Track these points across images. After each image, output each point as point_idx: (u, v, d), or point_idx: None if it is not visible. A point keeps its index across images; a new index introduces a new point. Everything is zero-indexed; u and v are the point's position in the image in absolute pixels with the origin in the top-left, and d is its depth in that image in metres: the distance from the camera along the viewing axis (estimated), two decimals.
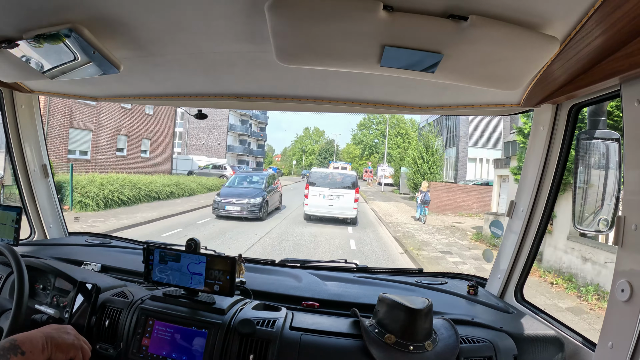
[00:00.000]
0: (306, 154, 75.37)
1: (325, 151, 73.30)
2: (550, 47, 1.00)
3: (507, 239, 1.69)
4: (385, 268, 2.03)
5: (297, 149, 78.59)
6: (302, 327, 1.32)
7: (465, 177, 28.03)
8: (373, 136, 67.21)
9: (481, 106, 1.63)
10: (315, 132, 79.11)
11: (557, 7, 0.90)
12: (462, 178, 27.77)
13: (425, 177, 21.81)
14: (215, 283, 1.34)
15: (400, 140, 52.30)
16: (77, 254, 1.94)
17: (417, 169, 23.68)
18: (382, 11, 0.91)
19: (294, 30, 1.00)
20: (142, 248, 1.49)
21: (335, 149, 73.48)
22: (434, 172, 23.46)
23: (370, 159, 64.76)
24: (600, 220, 1.40)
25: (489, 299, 1.67)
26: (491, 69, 1.11)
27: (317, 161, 69.78)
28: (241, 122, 50.63)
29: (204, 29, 1.15)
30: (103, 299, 1.44)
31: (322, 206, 12.86)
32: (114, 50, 1.29)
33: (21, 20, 1.13)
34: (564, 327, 1.47)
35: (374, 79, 1.43)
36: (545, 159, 1.55)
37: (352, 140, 71.48)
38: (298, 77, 1.51)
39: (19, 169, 2.10)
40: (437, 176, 23.55)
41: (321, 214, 12.94)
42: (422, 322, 1.26)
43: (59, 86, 1.85)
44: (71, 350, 1.03)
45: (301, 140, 79.38)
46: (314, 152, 74.97)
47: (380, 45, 1.02)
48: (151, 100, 1.86)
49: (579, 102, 1.43)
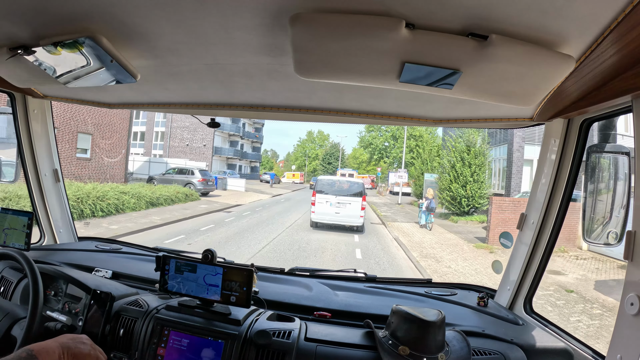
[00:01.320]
0: (309, 159, 71.40)
1: (330, 156, 68.99)
2: (566, 65, 1.01)
3: (517, 250, 1.70)
4: (394, 278, 2.04)
5: (299, 153, 74.29)
6: (317, 339, 1.33)
7: (521, 187, 17.53)
8: (383, 139, 58.50)
9: (494, 120, 1.64)
10: (319, 136, 74.69)
11: (575, 26, 0.91)
12: (516, 189, 17.55)
13: (467, 187, 16.71)
14: (232, 294, 1.35)
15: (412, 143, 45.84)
16: (87, 259, 1.95)
17: (455, 176, 17.07)
18: (404, 29, 0.93)
19: (315, 45, 1.01)
20: (153, 255, 1.50)
21: (341, 154, 69.32)
22: (479, 180, 16.99)
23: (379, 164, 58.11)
24: (609, 234, 1.42)
25: (499, 310, 1.68)
26: (507, 86, 1.13)
27: (321, 167, 66.71)
28: (231, 121, 43.99)
29: (224, 40, 1.16)
30: (117, 308, 1.44)
31: (329, 214, 12.74)
32: (132, 60, 1.30)
33: (39, 27, 1.13)
34: (573, 339, 1.48)
35: (388, 92, 1.44)
36: (556, 172, 1.56)
37: (360, 144, 64.69)
38: (314, 89, 1.52)
39: (30, 174, 2.11)
40: (482, 185, 17.12)
41: (328, 222, 12.84)
42: (435, 334, 1.27)
43: (72, 92, 1.86)
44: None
45: (304, 145, 75.23)
46: (317, 156, 71.02)
47: (401, 62, 1.03)
48: (165, 108, 1.87)
49: (590, 117, 1.44)
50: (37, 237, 2.23)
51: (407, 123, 1.75)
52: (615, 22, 0.87)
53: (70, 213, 2.29)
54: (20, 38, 1.20)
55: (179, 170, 22.61)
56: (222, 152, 42.87)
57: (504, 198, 14.20)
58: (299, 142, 77.43)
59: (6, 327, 1.39)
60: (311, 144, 74.42)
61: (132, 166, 26.24)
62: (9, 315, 1.42)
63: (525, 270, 1.66)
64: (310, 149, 73.44)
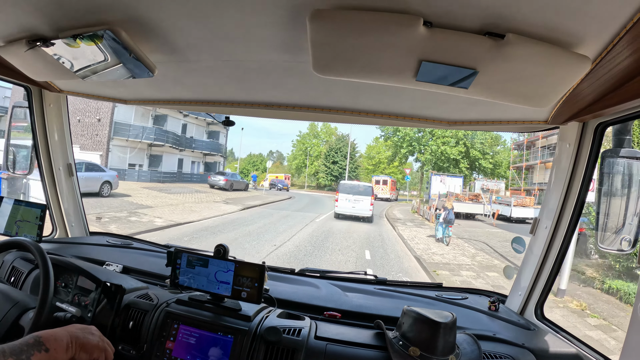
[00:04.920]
0: (311, 158, 54.80)
1: (336, 152, 51.02)
2: (582, 65, 1.01)
3: (529, 256, 1.69)
4: (404, 281, 2.03)
5: (299, 151, 56.82)
6: (327, 337, 1.32)
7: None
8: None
9: (509, 122, 1.63)
10: (324, 130, 55.33)
11: (591, 26, 0.91)
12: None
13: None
14: (243, 290, 1.35)
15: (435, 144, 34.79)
16: (98, 253, 1.96)
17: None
18: (422, 27, 0.93)
19: (333, 42, 1.01)
20: (164, 251, 1.50)
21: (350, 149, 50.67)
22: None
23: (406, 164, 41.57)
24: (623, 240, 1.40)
25: (510, 315, 1.66)
26: (523, 86, 1.13)
27: (324, 167, 50.99)
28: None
29: (243, 36, 1.16)
30: (127, 301, 1.44)
31: (347, 208, 17.94)
32: (149, 54, 1.30)
33: (59, 19, 1.14)
34: (585, 345, 1.46)
35: (404, 93, 1.44)
36: (570, 177, 1.55)
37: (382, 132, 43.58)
38: (330, 89, 1.52)
39: (45, 167, 2.13)
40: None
41: (347, 213, 17.90)
42: (446, 336, 1.25)
43: (88, 87, 1.88)
44: (95, 351, 1.02)
45: (304, 140, 56.50)
46: (320, 155, 53.72)
47: (418, 60, 1.04)
48: (181, 105, 1.88)
49: (605, 121, 1.43)
50: (49, 230, 2.25)
51: (422, 124, 1.74)
52: (631, 22, 0.86)
53: (83, 207, 2.31)
54: (40, 30, 1.21)
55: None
56: (130, 133, 24.33)
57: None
58: (299, 137, 57.76)
59: (15, 317, 1.37)
60: (315, 139, 56.40)
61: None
62: (18, 305, 1.40)
63: (537, 275, 1.64)
64: (312, 146, 55.72)
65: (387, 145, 44.70)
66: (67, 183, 2.22)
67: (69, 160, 2.22)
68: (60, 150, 2.17)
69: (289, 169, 60.61)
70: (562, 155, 1.57)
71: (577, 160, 1.53)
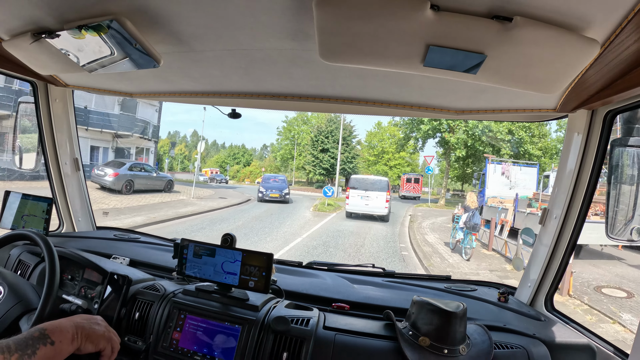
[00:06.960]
0: (299, 147, 44.63)
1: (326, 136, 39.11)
2: (590, 50, 0.99)
3: (539, 246, 1.67)
4: (413, 274, 2.01)
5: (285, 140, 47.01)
6: (335, 327, 1.31)
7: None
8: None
9: (517, 111, 1.62)
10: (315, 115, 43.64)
11: (599, 9, 0.90)
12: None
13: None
14: (250, 279, 1.34)
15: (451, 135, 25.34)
16: (105, 247, 1.95)
17: None
18: (429, 10, 0.92)
19: (340, 28, 1.00)
20: (171, 245, 1.48)
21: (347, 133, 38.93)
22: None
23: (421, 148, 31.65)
24: (633, 230, 1.38)
25: (520, 306, 1.64)
26: (532, 71, 1.11)
27: (311, 157, 39.59)
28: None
29: (248, 24, 1.15)
30: (134, 291, 1.44)
31: (360, 205, 15.96)
32: (155, 45, 1.30)
33: (64, 11, 1.14)
34: (595, 336, 1.45)
35: (412, 81, 1.43)
36: (579, 166, 1.53)
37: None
38: (337, 77, 1.51)
39: (51, 162, 2.14)
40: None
41: (359, 212, 16.02)
42: (457, 326, 1.24)
43: (94, 81, 1.88)
44: (101, 341, 1.02)
45: (291, 126, 46.70)
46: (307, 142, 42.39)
47: (425, 45, 1.02)
48: (187, 97, 1.88)
49: (614, 108, 1.42)
50: (56, 225, 2.26)
51: (430, 114, 1.73)
52: (639, 4, 0.85)
53: (90, 202, 2.32)
54: (44, 22, 1.21)
55: None
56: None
57: None
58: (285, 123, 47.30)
59: (14, 317, 1.25)
60: (304, 125, 45.65)
61: None
62: (21, 304, 1.28)
63: (547, 266, 1.62)
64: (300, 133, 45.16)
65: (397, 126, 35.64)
66: (74, 177, 2.23)
67: (75, 155, 2.23)
68: (67, 145, 2.18)
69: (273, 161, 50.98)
70: (571, 144, 1.55)
71: (587, 149, 1.51)
